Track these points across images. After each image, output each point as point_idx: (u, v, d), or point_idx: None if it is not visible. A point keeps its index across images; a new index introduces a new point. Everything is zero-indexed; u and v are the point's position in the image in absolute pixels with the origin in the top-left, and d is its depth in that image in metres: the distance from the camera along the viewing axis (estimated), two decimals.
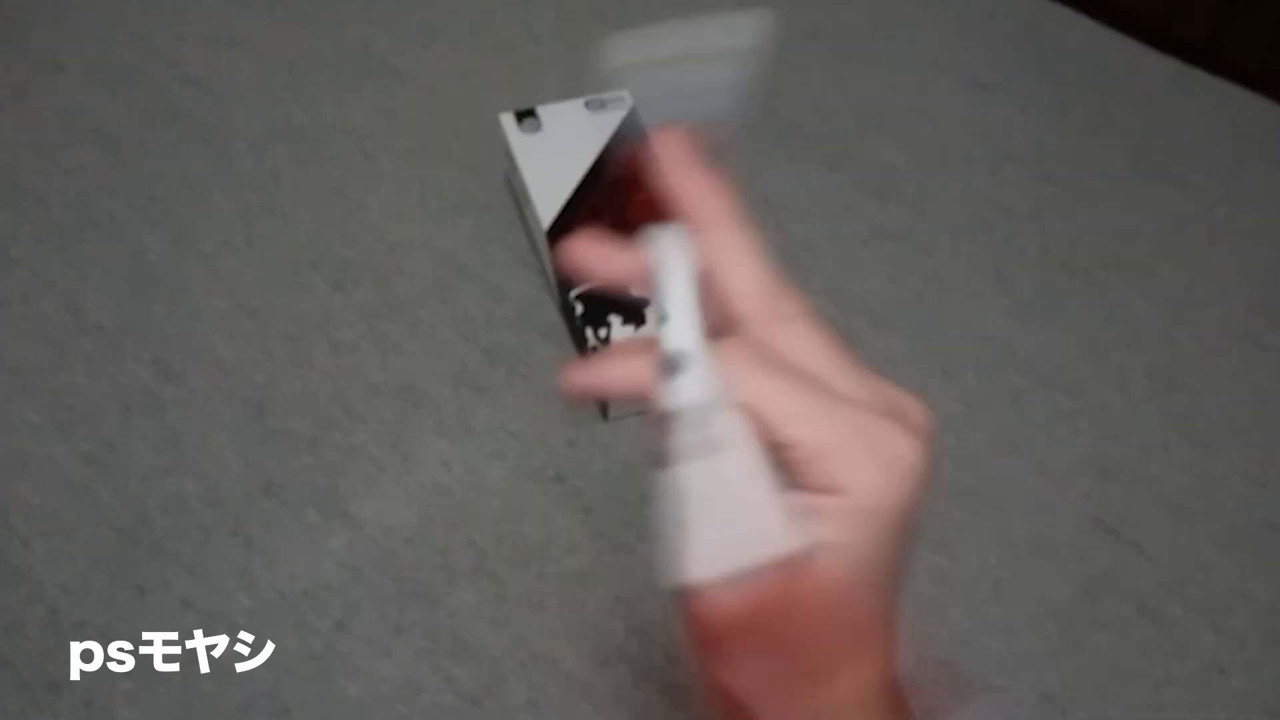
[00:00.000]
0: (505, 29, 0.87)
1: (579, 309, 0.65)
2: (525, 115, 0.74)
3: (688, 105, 0.33)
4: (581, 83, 0.82)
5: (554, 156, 0.72)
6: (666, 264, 0.31)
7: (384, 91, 0.82)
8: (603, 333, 0.64)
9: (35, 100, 0.80)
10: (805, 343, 0.31)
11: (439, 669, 0.54)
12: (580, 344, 0.66)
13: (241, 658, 0.54)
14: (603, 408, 0.65)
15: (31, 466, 0.61)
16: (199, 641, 0.55)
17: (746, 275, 0.31)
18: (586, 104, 0.75)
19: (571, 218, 0.69)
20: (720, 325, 0.31)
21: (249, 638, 0.55)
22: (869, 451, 0.28)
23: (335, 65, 0.83)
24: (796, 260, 0.73)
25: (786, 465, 0.28)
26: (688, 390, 0.28)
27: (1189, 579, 0.59)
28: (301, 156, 0.77)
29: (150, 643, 0.54)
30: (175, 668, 0.54)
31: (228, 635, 0.55)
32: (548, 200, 0.69)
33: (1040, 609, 0.58)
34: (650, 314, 0.65)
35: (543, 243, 0.69)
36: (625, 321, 0.65)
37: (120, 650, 0.54)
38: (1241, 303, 0.73)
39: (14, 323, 0.67)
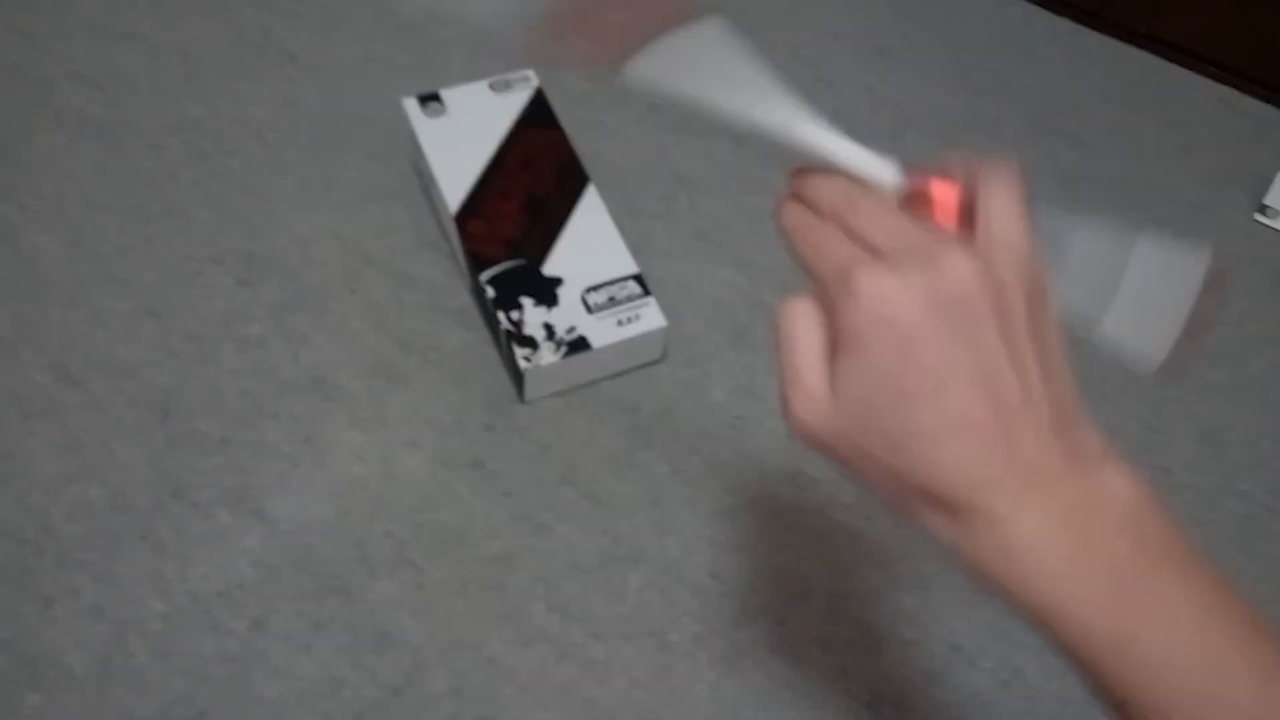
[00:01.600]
0: (406, 14, 0.86)
1: (490, 292, 0.65)
2: (429, 99, 0.73)
3: None
4: (486, 64, 0.82)
5: (459, 139, 0.71)
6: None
7: (284, 80, 0.80)
8: (514, 315, 0.64)
9: None
10: None
11: (359, 662, 0.54)
12: (493, 327, 0.66)
13: (155, 663, 0.54)
14: (519, 390, 0.65)
15: None
16: (111, 650, 0.54)
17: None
18: (491, 85, 0.74)
19: (479, 200, 0.68)
20: None
21: (162, 643, 0.54)
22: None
23: (231, 55, 0.81)
24: (706, 233, 0.74)
25: None
26: None
27: None
28: (200, 151, 0.76)
29: (60, 655, 0.53)
30: (87, 678, 0.53)
31: (141, 640, 0.54)
32: (455, 183, 0.69)
33: (946, 563, 0.59)
34: (559, 293, 0.65)
35: (451, 226, 0.69)
36: (537, 303, 0.65)
37: (28, 664, 0.53)
38: None
39: None
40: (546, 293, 0.66)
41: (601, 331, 0.64)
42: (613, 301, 0.65)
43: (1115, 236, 0.40)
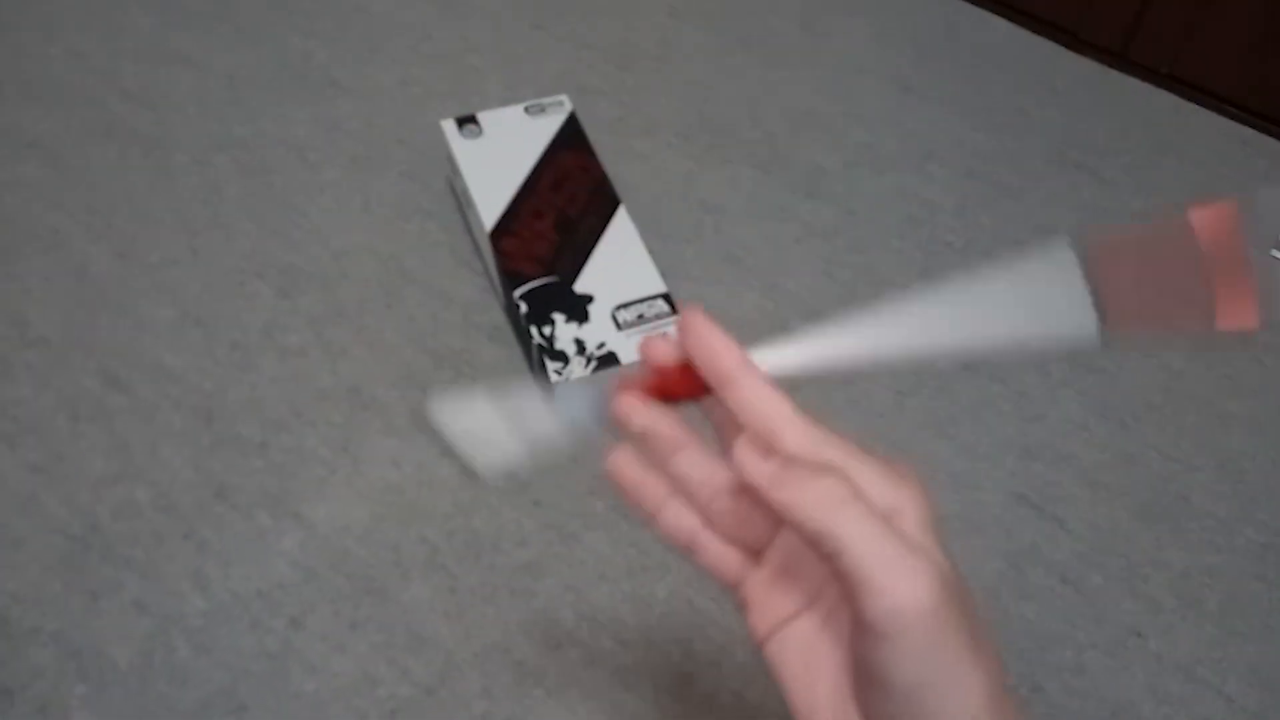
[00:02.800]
0: (444, 41, 0.89)
1: (523, 307, 0.67)
2: (466, 121, 0.75)
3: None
4: (521, 89, 0.84)
5: (495, 161, 0.73)
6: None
7: (325, 103, 0.83)
8: (546, 330, 0.66)
9: None
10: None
11: (394, 662, 0.56)
12: (525, 341, 0.68)
13: (196, 658, 0.55)
14: None
15: None
16: (154, 644, 0.55)
17: (789, 422, 0.35)
18: (526, 109, 0.77)
19: (514, 219, 0.71)
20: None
21: (203, 638, 0.56)
22: (894, 483, 0.35)
23: (275, 78, 0.84)
24: (733, 258, 0.76)
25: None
26: None
27: (1108, 549, 0.63)
28: (244, 168, 0.78)
29: (105, 647, 0.55)
30: (131, 670, 0.55)
31: (183, 636, 0.56)
32: (490, 203, 0.71)
33: (969, 581, 0.61)
34: (594, 314, 0.67)
35: (486, 245, 0.71)
36: (568, 319, 0.67)
37: (74, 655, 0.55)
38: None
39: None
40: (578, 309, 0.68)
41: (630, 347, 0.66)
42: (641, 319, 0.67)
43: None
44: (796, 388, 0.35)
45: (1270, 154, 0.88)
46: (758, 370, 0.36)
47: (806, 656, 0.37)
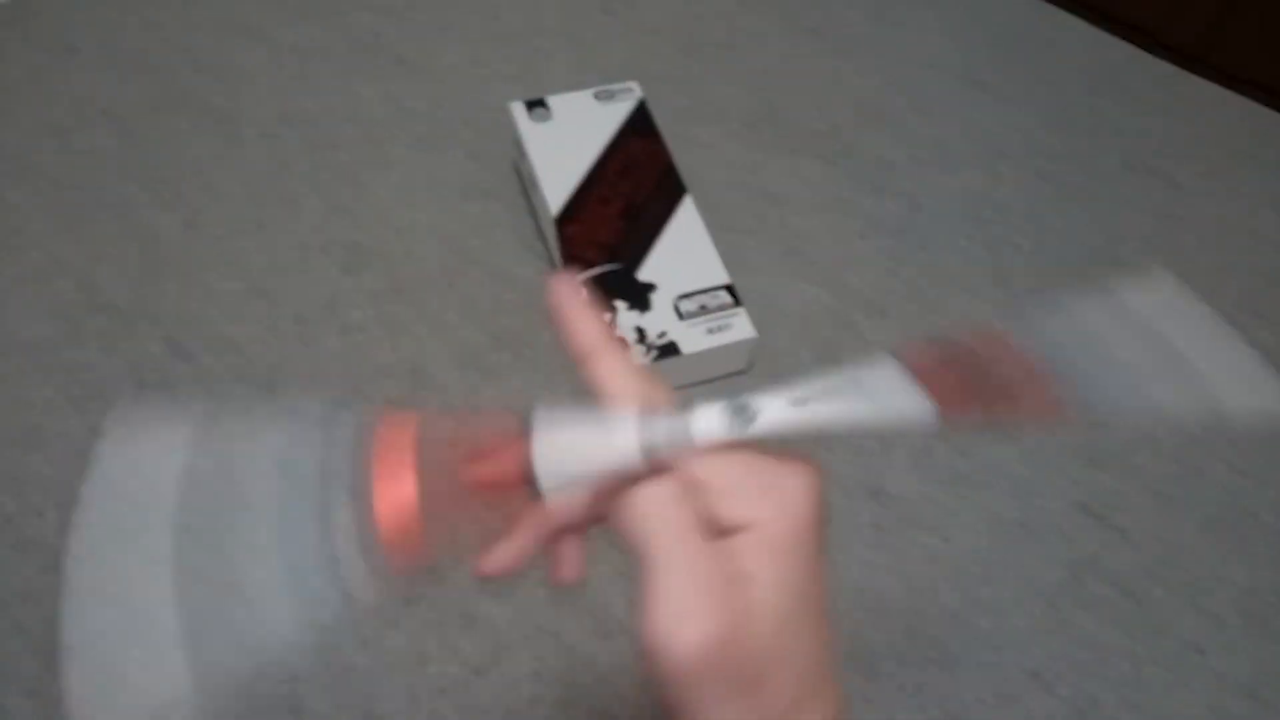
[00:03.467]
0: (512, 22, 0.88)
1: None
2: (535, 105, 0.75)
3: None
4: (587, 74, 0.84)
5: (563, 145, 0.73)
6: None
7: (393, 81, 0.83)
8: (608, 317, 0.66)
9: (48, 84, 0.81)
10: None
11: (445, 640, 0.56)
12: None
13: None
14: None
15: (45, 440, 0.62)
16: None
17: (630, 389, 0.34)
18: (595, 95, 0.76)
19: (580, 204, 0.70)
20: None
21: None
22: (761, 489, 0.31)
23: (344, 55, 0.85)
24: (796, 250, 0.75)
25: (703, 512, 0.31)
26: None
27: (1171, 562, 0.61)
28: (311, 143, 0.79)
29: None
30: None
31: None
32: (557, 188, 0.71)
33: (1028, 589, 0.60)
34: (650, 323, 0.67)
35: (550, 229, 0.71)
36: (630, 307, 0.67)
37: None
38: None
39: (29, 301, 0.69)
40: (640, 297, 0.67)
41: (692, 338, 0.66)
42: (704, 310, 0.67)
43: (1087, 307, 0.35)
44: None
45: None
46: (617, 350, 0.34)
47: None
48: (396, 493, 0.31)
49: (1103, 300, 0.34)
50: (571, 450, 0.32)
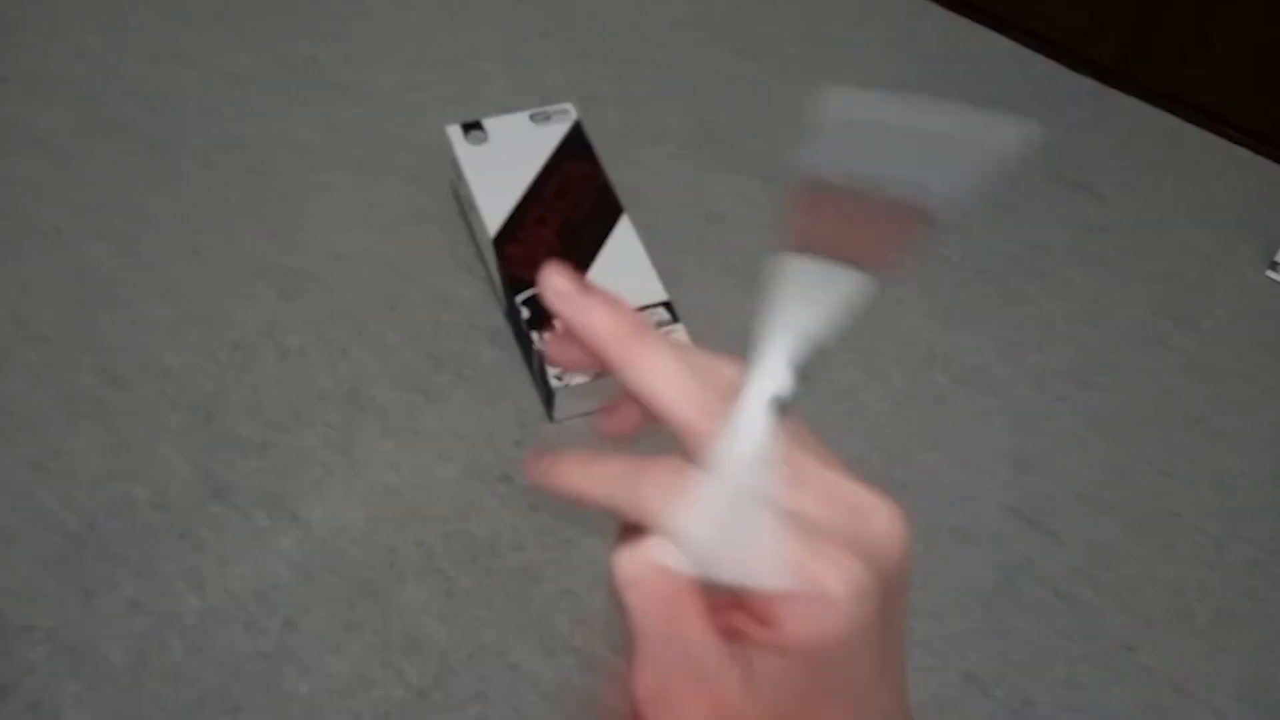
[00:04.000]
0: (449, 45, 0.89)
1: (525, 313, 0.67)
2: (471, 127, 0.76)
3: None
4: (526, 96, 0.85)
5: (500, 167, 0.74)
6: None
7: (328, 105, 0.83)
8: (547, 335, 0.66)
9: None
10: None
11: (389, 663, 0.56)
12: (525, 347, 0.68)
13: (190, 658, 0.55)
14: (548, 408, 0.67)
15: None
16: (148, 643, 0.55)
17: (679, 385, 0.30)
18: (531, 117, 0.77)
19: (517, 225, 0.71)
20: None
21: (198, 638, 0.56)
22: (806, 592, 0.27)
23: (279, 80, 0.85)
24: (735, 269, 0.76)
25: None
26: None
27: (1101, 564, 0.63)
28: (246, 168, 0.78)
29: (99, 645, 0.55)
30: (125, 669, 0.54)
31: (178, 635, 0.56)
32: (494, 209, 0.72)
33: (964, 594, 0.61)
34: None
35: (489, 250, 0.71)
36: None
37: (68, 653, 0.55)
38: (1148, 307, 0.77)
39: None
40: None
41: None
42: None
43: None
44: (794, 399, 0.30)
45: (1267, 175, 0.89)
46: (651, 341, 0.30)
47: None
48: None
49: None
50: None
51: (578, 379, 0.65)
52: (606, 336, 0.30)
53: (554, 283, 0.32)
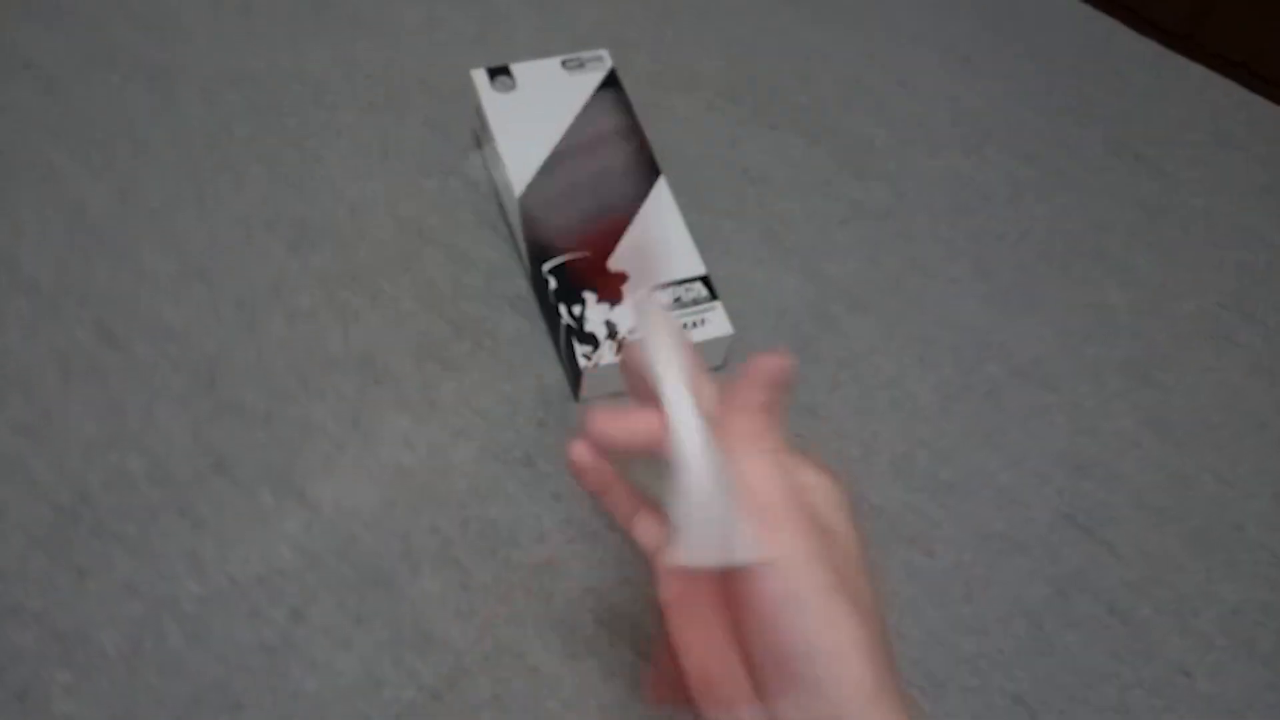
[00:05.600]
0: None
1: (552, 283, 0.62)
2: (498, 73, 0.70)
3: None
4: (553, 37, 0.79)
5: (528, 117, 0.68)
6: (655, 341, 0.38)
7: (345, 41, 0.77)
8: (576, 309, 0.62)
9: None
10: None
11: (400, 662, 0.52)
12: (551, 319, 0.64)
13: (189, 648, 0.52)
14: (574, 388, 0.63)
15: None
16: (144, 630, 0.52)
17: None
18: (564, 63, 0.71)
19: (545, 184, 0.66)
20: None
21: (197, 626, 0.52)
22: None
23: (293, 10, 0.78)
24: (776, 236, 0.71)
25: None
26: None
27: (1158, 579, 0.59)
28: (255, 105, 0.73)
29: (91, 631, 0.51)
30: (119, 658, 0.51)
31: (176, 623, 0.52)
32: (521, 164, 0.66)
33: (1012, 608, 0.57)
34: (631, 300, 0.63)
35: (514, 209, 0.66)
36: (600, 299, 0.62)
37: (58, 639, 0.51)
38: (1214, 298, 0.72)
39: None
40: (610, 288, 0.63)
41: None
42: (678, 303, 0.63)
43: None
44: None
45: None
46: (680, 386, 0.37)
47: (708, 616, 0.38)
48: None
49: None
50: None
51: (608, 358, 0.60)
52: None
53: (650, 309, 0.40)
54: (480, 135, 0.71)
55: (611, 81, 0.71)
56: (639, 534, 0.42)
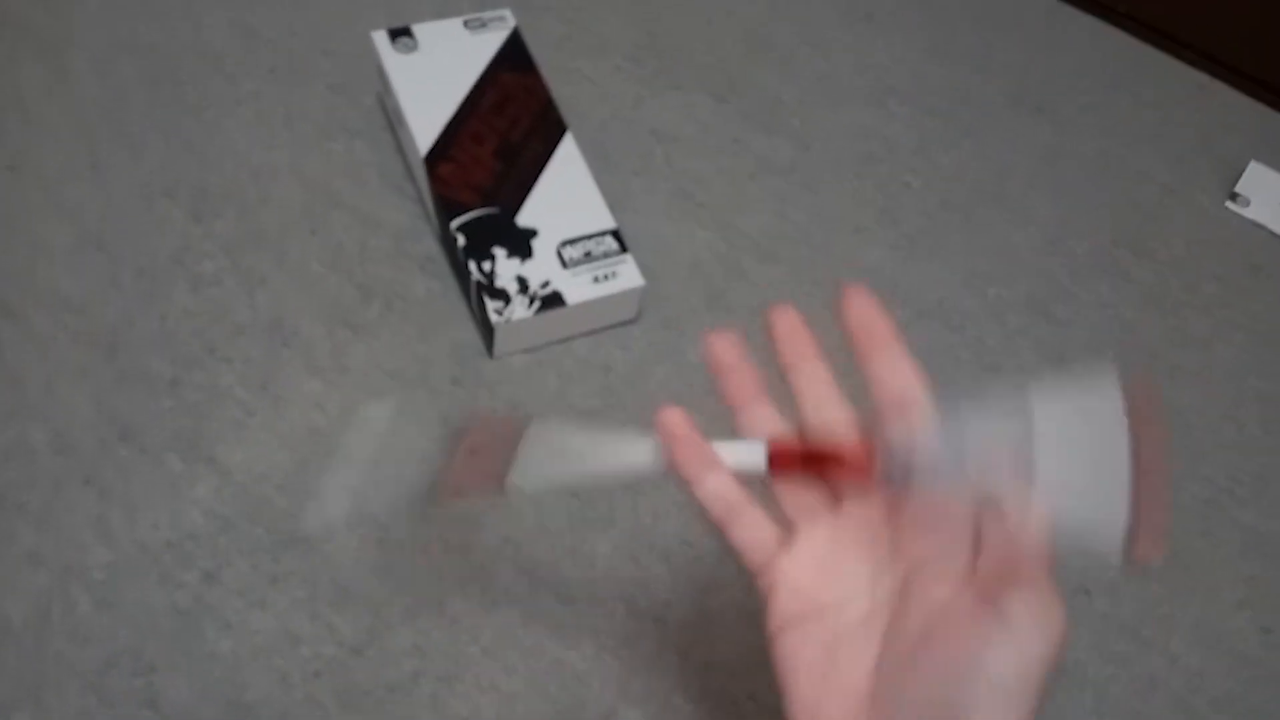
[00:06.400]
0: None
1: (461, 240, 0.62)
2: (400, 34, 0.69)
3: None
4: (457, 1, 0.78)
5: (431, 78, 0.68)
6: None
7: (242, 6, 0.76)
8: (486, 265, 0.62)
9: None
10: None
11: (318, 618, 0.52)
12: (462, 277, 0.64)
13: (99, 614, 0.51)
14: (488, 344, 0.63)
15: None
16: (51, 599, 0.51)
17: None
18: (466, 23, 0.71)
19: (451, 142, 0.65)
20: None
21: (107, 593, 0.51)
22: None
23: None
24: (685, 193, 0.72)
25: None
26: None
27: None
28: (152, 75, 0.71)
29: None
30: (25, 628, 0.50)
31: (85, 591, 0.51)
32: (425, 124, 0.66)
33: None
34: (534, 246, 0.63)
35: (420, 169, 0.66)
36: (510, 254, 0.62)
37: None
38: (1109, 236, 0.75)
39: None
40: (520, 244, 0.63)
41: (577, 288, 0.62)
42: (589, 257, 0.63)
43: (1011, 410, 0.36)
44: (749, 335, 0.38)
45: (1226, 101, 0.86)
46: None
47: (831, 652, 0.35)
48: None
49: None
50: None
51: (520, 313, 0.60)
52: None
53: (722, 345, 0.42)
54: (384, 97, 0.71)
55: (515, 40, 0.71)
56: (747, 420, 0.41)
